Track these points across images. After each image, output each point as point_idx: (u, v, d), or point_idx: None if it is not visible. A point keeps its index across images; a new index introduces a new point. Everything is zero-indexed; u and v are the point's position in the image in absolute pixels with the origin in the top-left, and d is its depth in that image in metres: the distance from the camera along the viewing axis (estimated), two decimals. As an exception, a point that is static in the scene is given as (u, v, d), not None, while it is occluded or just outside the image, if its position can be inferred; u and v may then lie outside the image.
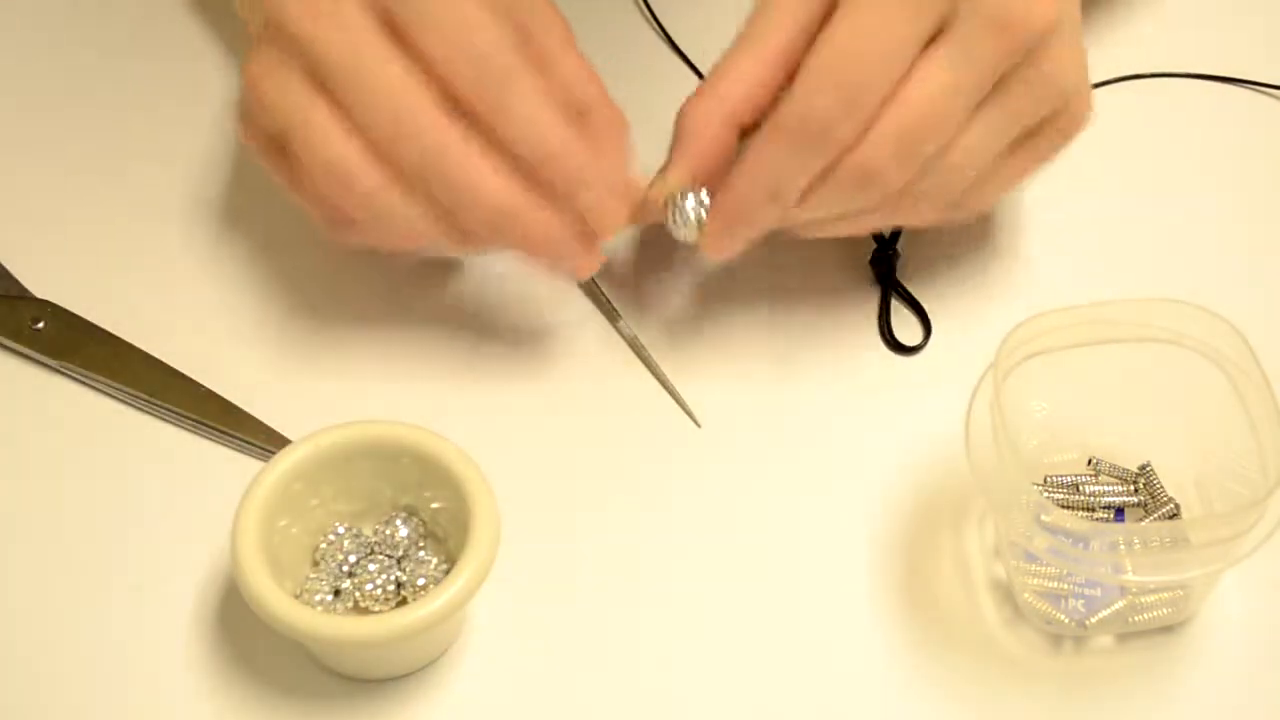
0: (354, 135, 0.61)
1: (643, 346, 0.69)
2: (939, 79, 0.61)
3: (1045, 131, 0.65)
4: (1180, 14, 0.80)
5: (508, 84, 0.61)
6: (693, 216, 0.64)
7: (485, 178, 0.62)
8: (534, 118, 0.62)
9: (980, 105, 0.62)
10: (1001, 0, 0.61)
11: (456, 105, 0.61)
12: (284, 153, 0.63)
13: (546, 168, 0.62)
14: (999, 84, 0.62)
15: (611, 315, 0.69)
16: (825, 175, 0.62)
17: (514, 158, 0.62)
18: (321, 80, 0.61)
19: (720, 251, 0.65)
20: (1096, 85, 0.77)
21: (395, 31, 0.61)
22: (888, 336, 0.69)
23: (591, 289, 0.70)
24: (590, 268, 0.65)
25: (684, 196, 0.64)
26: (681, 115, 0.65)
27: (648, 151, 0.74)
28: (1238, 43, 0.79)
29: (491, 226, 0.62)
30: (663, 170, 0.65)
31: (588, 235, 0.64)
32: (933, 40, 0.61)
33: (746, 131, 0.65)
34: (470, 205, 0.62)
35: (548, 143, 0.62)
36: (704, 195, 0.64)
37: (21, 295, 0.70)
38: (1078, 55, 0.64)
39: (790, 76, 0.63)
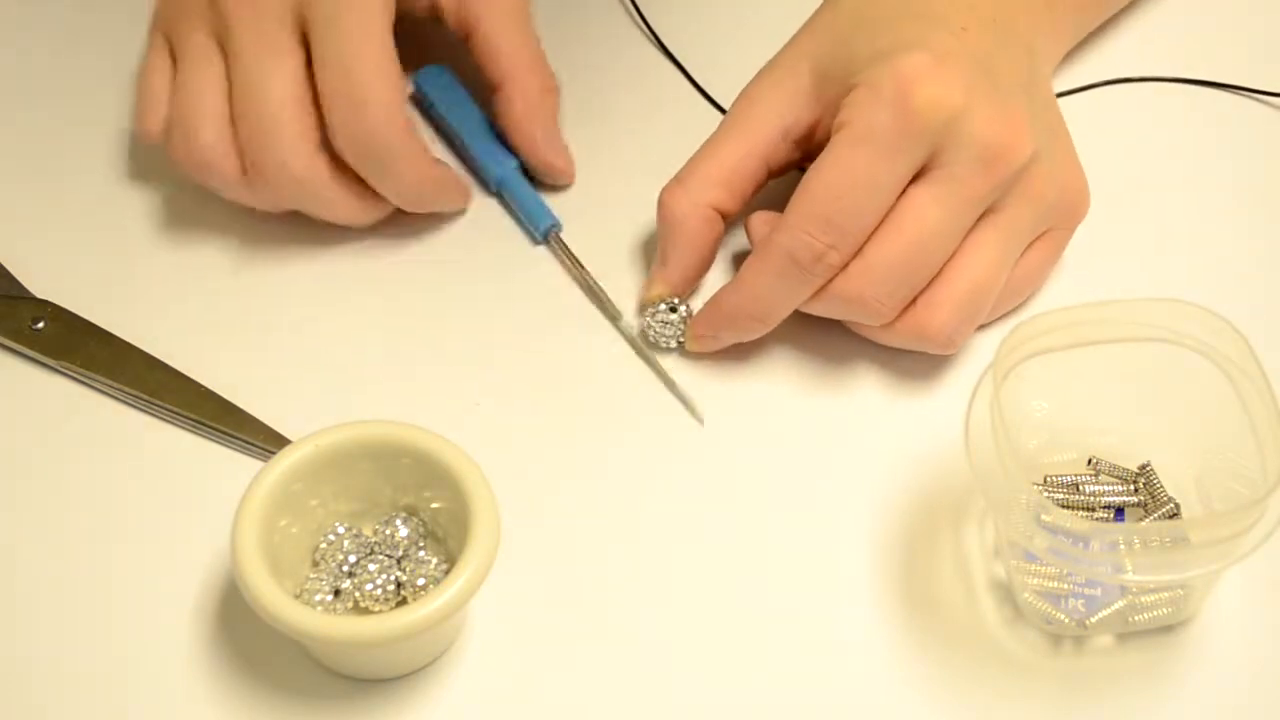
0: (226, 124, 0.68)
1: (643, 346, 0.69)
2: (928, 212, 0.63)
3: (1050, 234, 0.68)
4: (1167, 20, 0.80)
5: (387, 165, 0.67)
6: (671, 332, 0.68)
7: (343, 202, 0.69)
8: (405, 185, 0.69)
9: (980, 233, 0.65)
10: (985, 136, 0.63)
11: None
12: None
13: (418, 207, 0.70)
14: (994, 210, 0.65)
15: (613, 315, 0.69)
16: (815, 297, 0.65)
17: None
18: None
19: (702, 349, 0.68)
20: (1086, 88, 0.77)
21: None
22: None
23: (592, 289, 0.70)
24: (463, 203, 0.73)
25: (669, 309, 0.68)
26: (662, 204, 0.68)
27: (641, 154, 0.74)
28: (1222, 48, 0.79)
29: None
30: (655, 271, 0.69)
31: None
32: (920, 173, 0.64)
33: (728, 216, 0.69)
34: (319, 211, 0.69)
35: (420, 199, 0.70)
36: (684, 309, 0.68)
37: (21, 295, 0.70)
38: (1060, 170, 0.67)
39: (768, 168, 0.68)
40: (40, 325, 0.68)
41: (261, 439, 0.66)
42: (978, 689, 0.61)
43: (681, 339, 0.68)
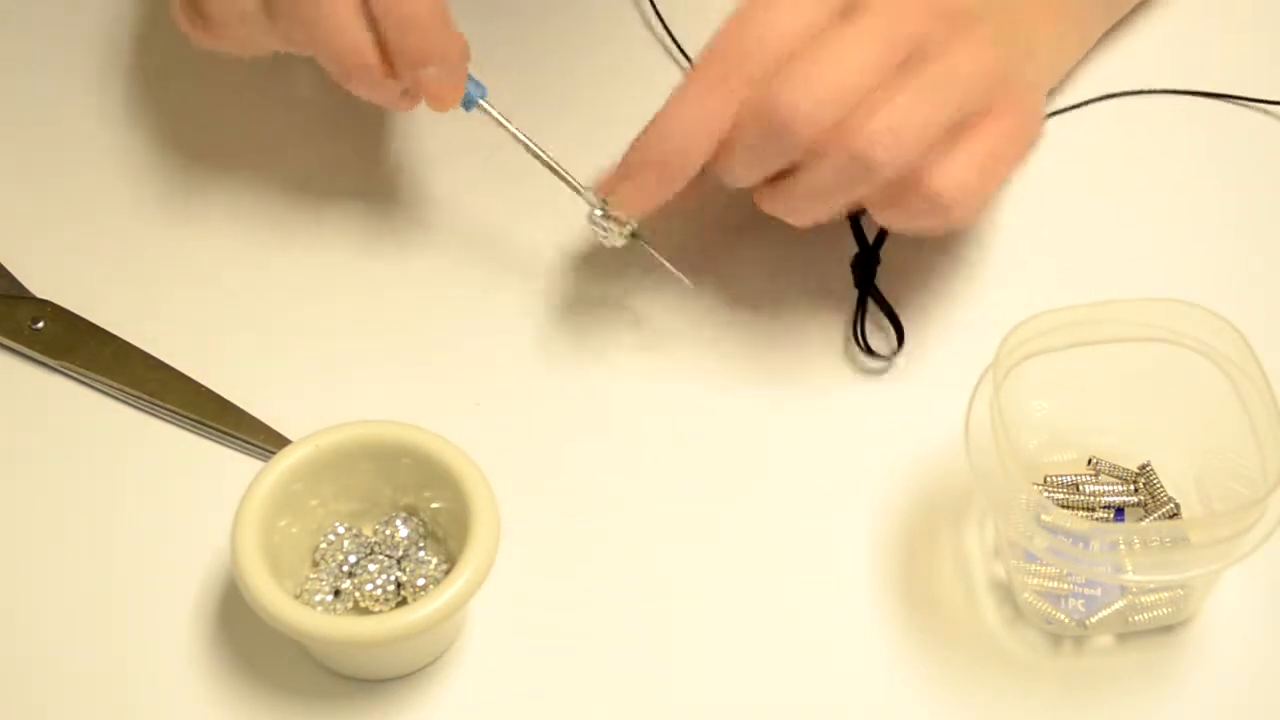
0: None
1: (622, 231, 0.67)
2: (848, 33, 0.62)
3: (989, 127, 0.64)
4: (1167, 30, 0.80)
5: None
6: (608, 226, 0.66)
7: (344, 27, 0.63)
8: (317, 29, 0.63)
9: (903, 74, 0.62)
10: None
11: None
12: None
13: (409, 35, 0.63)
14: (918, 56, 0.62)
15: (574, 188, 0.67)
16: (739, 125, 0.62)
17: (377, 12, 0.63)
18: None
19: (634, 206, 0.65)
20: (1085, 104, 0.77)
21: None
22: (861, 342, 0.69)
23: (540, 156, 0.68)
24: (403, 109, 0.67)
25: (596, 209, 0.66)
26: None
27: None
28: (1220, 59, 0.79)
29: (337, 70, 0.64)
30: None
31: (413, 99, 0.66)
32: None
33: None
34: (322, 49, 0.64)
35: (417, 12, 0.63)
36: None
37: (21, 295, 0.70)
38: (1005, 54, 0.64)
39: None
40: (40, 325, 0.68)
41: (261, 439, 0.66)
42: (978, 689, 0.61)
43: (620, 229, 0.66)
